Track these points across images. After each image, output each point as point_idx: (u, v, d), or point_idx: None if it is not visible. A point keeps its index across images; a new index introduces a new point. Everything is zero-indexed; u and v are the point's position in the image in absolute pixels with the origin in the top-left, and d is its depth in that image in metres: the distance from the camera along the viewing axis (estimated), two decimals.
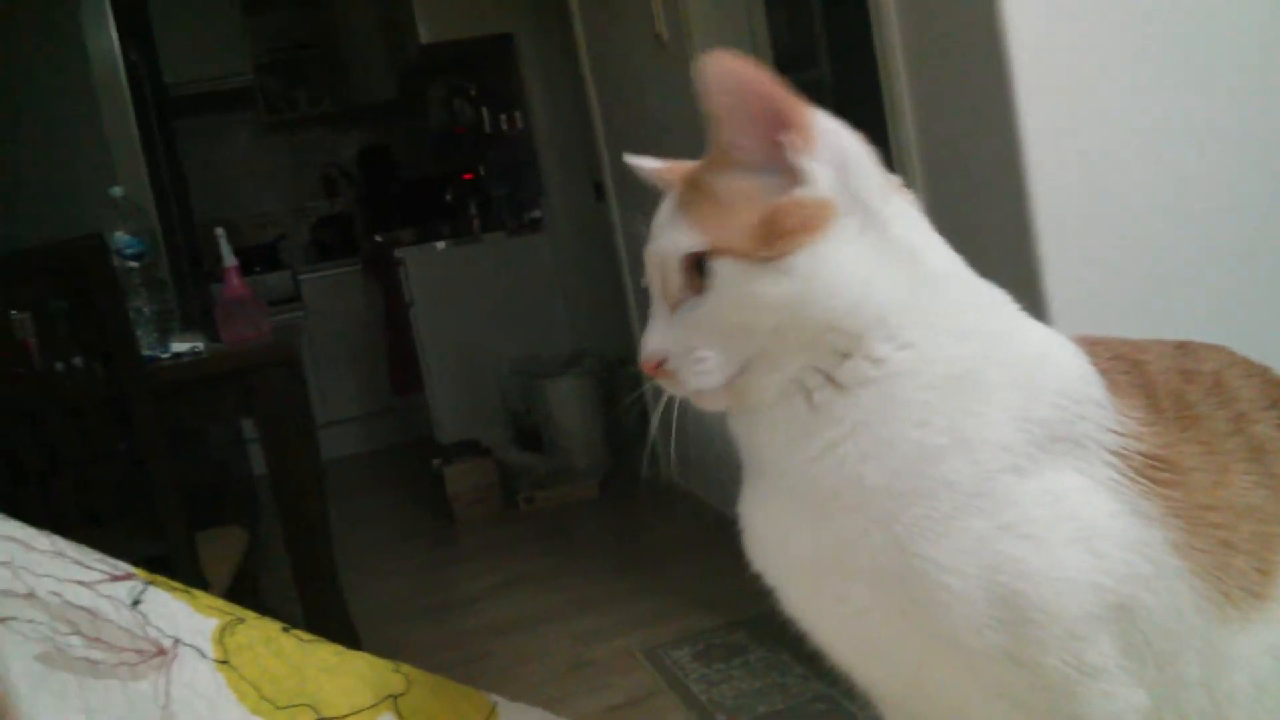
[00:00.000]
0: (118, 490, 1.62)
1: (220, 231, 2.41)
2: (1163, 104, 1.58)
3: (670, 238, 0.72)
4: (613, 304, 4.05)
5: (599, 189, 3.79)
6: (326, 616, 1.91)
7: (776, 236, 0.68)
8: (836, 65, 2.67)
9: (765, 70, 0.69)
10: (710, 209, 0.70)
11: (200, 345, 2.13)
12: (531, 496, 3.83)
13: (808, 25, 2.76)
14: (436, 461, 3.93)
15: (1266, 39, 1.61)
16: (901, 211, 0.73)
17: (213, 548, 1.79)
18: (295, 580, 1.91)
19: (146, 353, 2.14)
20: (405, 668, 0.74)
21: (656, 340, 0.73)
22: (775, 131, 0.70)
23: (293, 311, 5.19)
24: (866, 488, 0.69)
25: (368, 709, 0.69)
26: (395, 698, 0.70)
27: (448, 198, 5.20)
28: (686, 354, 0.71)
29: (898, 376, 0.70)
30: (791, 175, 0.70)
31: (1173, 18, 1.57)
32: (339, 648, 0.74)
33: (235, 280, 2.35)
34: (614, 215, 3.60)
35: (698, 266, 0.70)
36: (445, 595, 3.13)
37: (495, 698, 0.72)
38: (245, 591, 1.92)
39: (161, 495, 1.56)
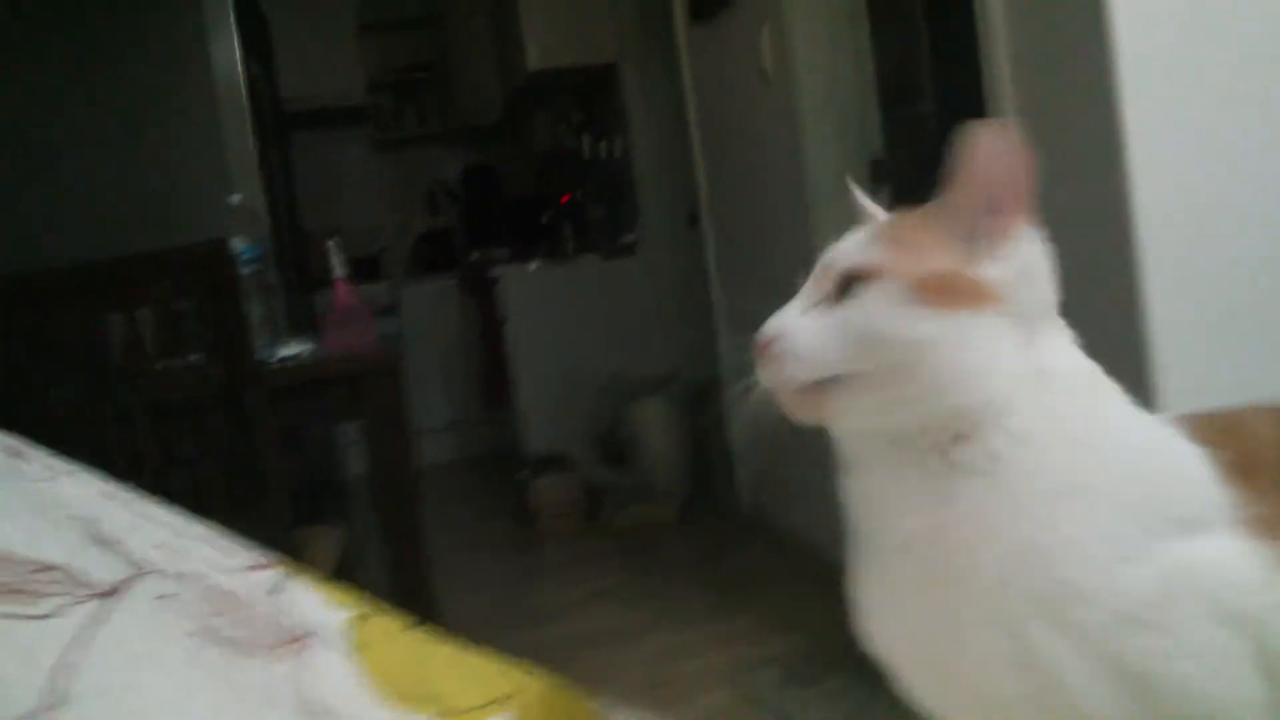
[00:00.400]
0: (227, 486, 1.70)
1: (333, 243, 2.50)
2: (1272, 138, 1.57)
3: (849, 250, 0.77)
4: (703, 329, 4.08)
5: (693, 217, 3.84)
6: (422, 618, 1.97)
7: (946, 291, 0.73)
8: (942, 99, 2.68)
9: (1026, 155, 0.74)
10: (901, 245, 0.76)
11: (307, 350, 2.23)
12: (615, 514, 3.88)
13: (914, 60, 2.77)
14: (523, 473, 4.00)
15: None
16: (1054, 331, 0.78)
17: (313, 545, 1.87)
18: (393, 578, 1.98)
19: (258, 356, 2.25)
20: (521, 669, 0.78)
21: (778, 321, 0.77)
22: (995, 210, 0.75)
23: (390, 322, 5.34)
24: (983, 576, 0.72)
25: (486, 705, 0.72)
26: (510, 697, 0.74)
27: (545, 219, 5.31)
28: (796, 340, 0.75)
29: (1015, 476, 0.73)
30: (981, 249, 0.76)
31: None
32: (458, 646, 0.77)
33: (344, 290, 2.45)
34: (708, 243, 3.64)
35: (851, 282, 0.75)
36: (527, 606, 3.19)
37: (605, 702, 0.76)
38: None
39: (272, 492, 1.64)
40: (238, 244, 2.49)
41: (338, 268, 2.48)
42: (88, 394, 1.72)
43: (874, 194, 2.56)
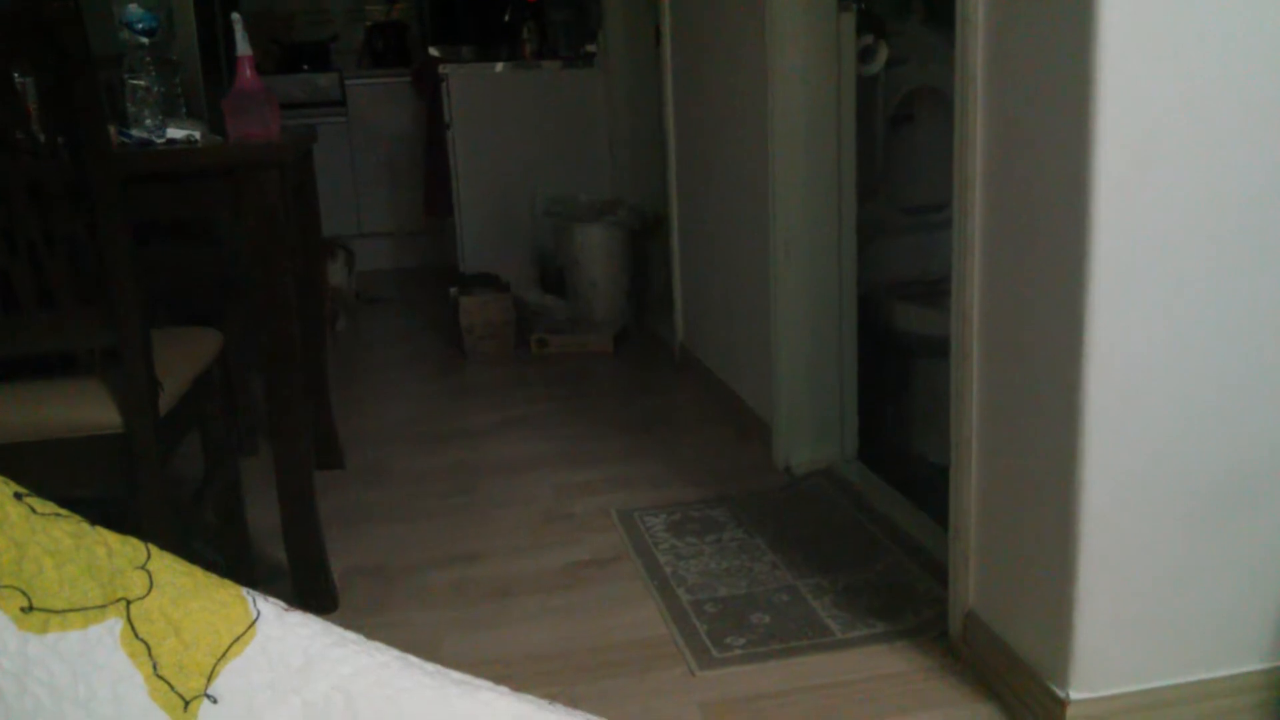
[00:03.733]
0: (80, 277, 1.54)
1: (236, 17, 2.27)
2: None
3: None
4: (653, 157, 3.88)
5: (659, 33, 3.58)
6: (295, 435, 1.86)
7: None
8: None
9: None
10: None
11: (196, 134, 2.04)
12: (545, 340, 3.77)
13: None
14: (453, 290, 3.86)
15: None
16: None
17: (177, 346, 1.73)
18: (267, 397, 1.86)
19: (142, 135, 2.05)
20: (158, 562, 0.62)
21: None
22: None
23: (336, 116, 5.06)
24: None
25: (92, 608, 0.58)
26: (129, 601, 0.60)
27: (506, 18, 4.98)
28: None
29: None
30: None
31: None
32: (81, 528, 0.61)
33: (248, 72, 2.23)
34: (666, 63, 3.40)
35: None
36: (441, 426, 3.10)
37: (265, 606, 0.61)
38: (210, 397, 1.87)
39: (118, 287, 1.48)
40: (133, 11, 2.27)
41: (241, 45, 2.25)
42: None
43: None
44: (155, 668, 0.56)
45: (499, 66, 4.38)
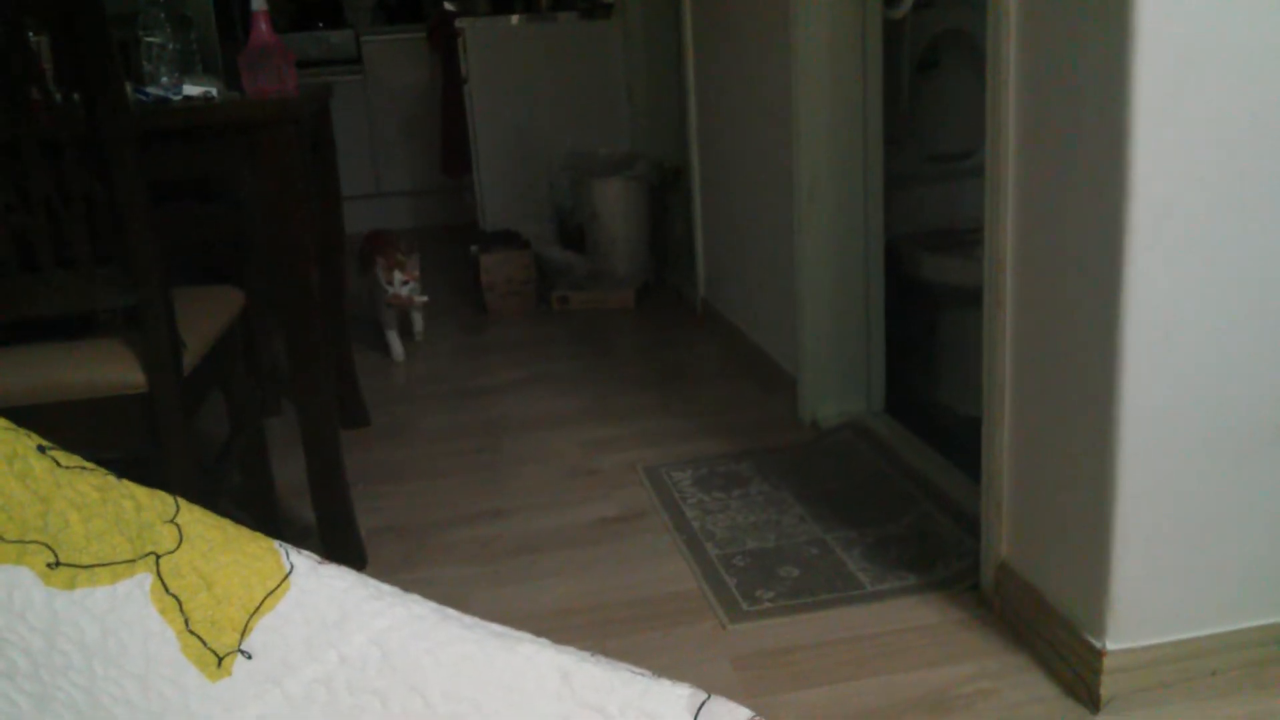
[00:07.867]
0: (98, 236, 1.52)
1: None
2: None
3: None
4: (674, 108, 3.83)
5: None
6: (317, 389, 1.85)
7: None
8: None
9: None
10: None
11: (213, 91, 2.01)
12: (566, 296, 3.74)
13: None
14: (474, 248, 3.84)
15: None
16: None
17: (199, 305, 1.72)
18: (288, 353, 1.85)
19: (158, 92, 2.03)
20: (187, 515, 0.60)
21: None
22: None
23: (352, 74, 5.02)
24: None
25: (121, 563, 0.57)
26: (159, 556, 0.58)
27: None
28: None
29: None
30: None
31: None
32: (108, 481, 0.59)
33: (263, 26, 2.20)
34: (685, 10, 3.34)
35: None
36: (464, 383, 3.09)
37: (298, 559, 0.59)
38: (234, 356, 1.86)
39: (136, 243, 1.47)
40: None
41: (256, 0, 2.22)
42: None
43: None
44: (187, 623, 0.55)
45: (515, 19, 4.31)
